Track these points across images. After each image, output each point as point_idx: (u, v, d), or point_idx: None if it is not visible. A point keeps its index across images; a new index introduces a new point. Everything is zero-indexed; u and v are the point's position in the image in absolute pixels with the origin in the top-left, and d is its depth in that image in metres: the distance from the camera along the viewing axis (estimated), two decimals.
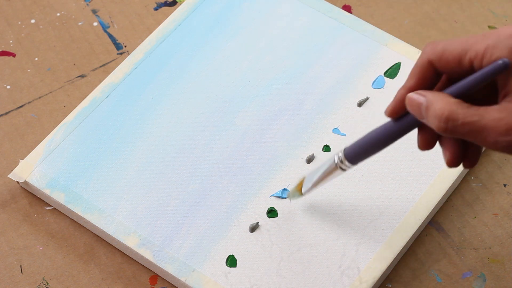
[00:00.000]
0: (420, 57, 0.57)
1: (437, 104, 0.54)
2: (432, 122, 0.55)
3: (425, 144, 0.58)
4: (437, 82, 0.58)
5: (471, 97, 0.55)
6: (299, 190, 0.71)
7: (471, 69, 0.55)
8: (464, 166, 0.59)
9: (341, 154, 0.64)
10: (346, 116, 0.78)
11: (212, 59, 0.81)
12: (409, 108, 0.57)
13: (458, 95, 0.55)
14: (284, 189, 0.74)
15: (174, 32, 0.83)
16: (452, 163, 0.58)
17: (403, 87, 0.58)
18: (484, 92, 0.56)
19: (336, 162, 0.65)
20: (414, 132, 0.60)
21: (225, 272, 0.71)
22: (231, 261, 0.71)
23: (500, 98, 0.54)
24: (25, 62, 0.84)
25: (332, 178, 0.68)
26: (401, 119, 0.59)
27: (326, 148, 0.76)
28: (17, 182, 0.76)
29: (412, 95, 0.56)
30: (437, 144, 0.59)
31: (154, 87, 0.80)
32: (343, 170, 0.65)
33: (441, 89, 0.57)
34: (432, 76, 0.57)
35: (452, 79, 0.57)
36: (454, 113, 0.53)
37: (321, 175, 0.68)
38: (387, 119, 0.60)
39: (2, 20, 0.86)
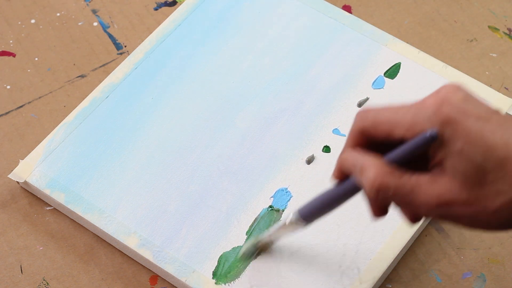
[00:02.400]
0: (352, 125, 0.56)
1: (370, 171, 0.54)
2: (364, 188, 0.54)
3: (379, 210, 0.56)
4: (373, 146, 0.56)
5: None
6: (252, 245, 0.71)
7: (402, 140, 0.54)
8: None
9: (292, 216, 0.64)
10: (346, 117, 0.78)
11: (212, 59, 0.81)
12: (346, 167, 0.56)
13: (392, 162, 0.54)
14: (280, 189, 0.74)
15: (174, 32, 0.83)
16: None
17: (342, 151, 0.58)
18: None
19: (289, 220, 0.65)
20: None
21: (225, 272, 0.71)
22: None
23: (430, 166, 0.54)
24: (25, 62, 0.84)
25: (284, 234, 0.68)
26: (346, 182, 0.58)
27: (326, 149, 0.76)
28: (17, 182, 0.76)
29: (347, 155, 0.56)
30: None
31: (154, 87, 0.80)
32: (296, 228, 0.65)
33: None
34: (366, 141, 0.56)
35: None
36: (385, 184, 0.53)
37: (272, 233, 0.68)
38: None
39: (2, 20, 0.86)
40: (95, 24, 0.86)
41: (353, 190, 0.58)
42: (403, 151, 0.54)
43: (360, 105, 0.79)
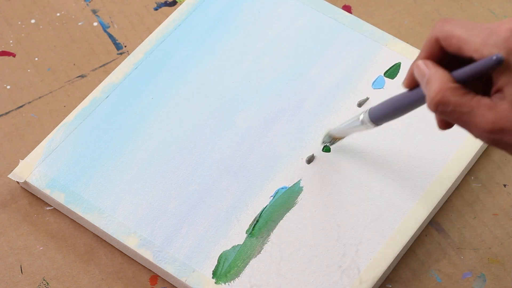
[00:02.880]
0: (430, 32, 0.58)
1: (434, 84, 0.55)
2: (426, 99, 0.56)
3: (443, 124, 0.59)
4: (447, 57, 0.58)
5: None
6: (327, 133, 0.74)
7: (470, 58, 0.55)
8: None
9: (366, 114, 0.66)
10: (346, 117, 0.78)
11: (212, 59, 0.81)
12: (416, 74, 0.58)
13: (458, 80, 0.55)
14: (281, 188, 0.74)
15: (174, 32, 0.83)
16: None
17: (415, 60, 0.59)
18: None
19: (361, 119, 0.67)
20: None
21: (225, 271, 0.71)
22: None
23: (492, 91, 0.55)
24: (25, 62, 0.84)
25: (357, 131, 0.70)
26: (415, 90, 0.60)
27: (326, 149, 0.76)
28: (17, 182, 0.76)
29: (419, 63, 0.57)
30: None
31: (154, 87, 0.80)
32: (367, 128, 0.68)
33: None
34: (439, 51, 0.57)
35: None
36: (446, 99, 0.54)
37: (346, 127, 0.71)
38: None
39: (2, 20, 0.86)
40: (95, 24, 0.86)
41: (420, 99, 0.59)
42: (469, 71, 0.55)
43: (360, 105, 0.79)
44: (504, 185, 0.76)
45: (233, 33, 0.83)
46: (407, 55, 0.81)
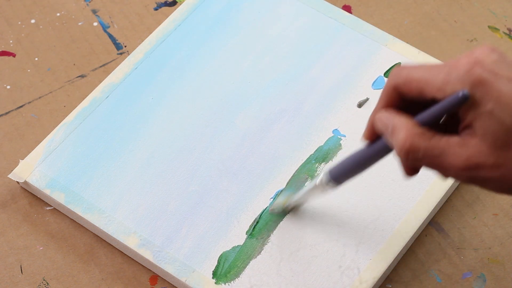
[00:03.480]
0: (386, 81, 0.57)
1: (400, 132, 0.54)
2: (395, 149, 0.55)
3: (410, 170, 0.58)
4: (407, 105, 0.57)
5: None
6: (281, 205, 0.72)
7: (433, 100, 0.54)
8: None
9: (323, 177, 0.65)
10: (346, 117, 0.78)
11: (212, 59, 0.81)
12: (378, 126, 0.57)
13: (423, 123, 0.54)
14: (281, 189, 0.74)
15: (174, 32, 0.83)
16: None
17: (373, 111, 0.58)
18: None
19: (317, 184, 0.65)
20: None
21: (225, 272, 0.71)
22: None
23: (460, 128, 0.54)
24: (25, 62, 0.84)
25: (314, 197, 0.69)
26: (378, 142, 0.59)
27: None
28: (17, 182, 0.76)
29: (380, 114, 0.56)
30: None
31: (154, 87, 0.80)
32: (324, 190, 0.66)
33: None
34: (399, 100, 0.56)
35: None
36: (416, 145, 0.53)
37: (302, 194, 0.70)
38: None
39: (2, 20, 0.86)
40: (95, 24, 0.86)
41: (384, 150, 0.58)
42: (434, 111, 0.54)
43: (360, 105, 0.79)
44: None
45: (233, 33, 0.83)
46: (407, 55, 0.81)
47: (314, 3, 0.84)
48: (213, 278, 0.70)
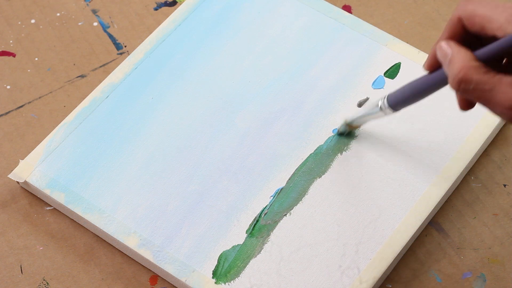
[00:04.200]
0: (453, 13, 0.58)
1: (456, 62, 0.55)
2: (448, 78, 0.56)
3: (464, 104, 0.60)
4: (469, 38, 0.58)
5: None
6: (345, 122, 0.75)
7: (494, 37, 0.56)
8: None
9: (384, 100, 0.67)
10: (346, 117, 0.78)
11: (212, 59, 0.81)
12: (438, 55, 0.58)
13: (481, 59, 0.56)
14: (281, 187, 0.74)
15: (174, 32, 0.83)
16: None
17: (437, 40, 0.59)
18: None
19: (379, 105, 0.68)
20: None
21: (225, 271, 0.71)
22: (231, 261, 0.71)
23: None
24: (25, 62, 0.84)
25: (375, 118, 0.71)
26: (436, 72, 0.60)
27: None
28: (17, 182, 0.76)
29: (442, 44, 0.58)
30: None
31: (154, 87, 0.80)
32: (386, 114, 0.68)
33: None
34: (462, 32, 0.58)
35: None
36: (468, 77, 0.55)
37: (364, 113, 0.72)
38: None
39: (2, 20, 0.86)
40: (95, 24, 0.86)
41: (441, 81, 0.60)
42: (493, 48, 0.55)
43: (360, 105, 0.79)
44: (504, 185, 0.76)
45: (233, 33, 0.83)
46: (407, 55, 0.81)
47: (314, 3, 0.84)
48: (213, 277, 0.70)
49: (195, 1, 0.85)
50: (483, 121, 0.77)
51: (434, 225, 0.74)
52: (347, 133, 0.76)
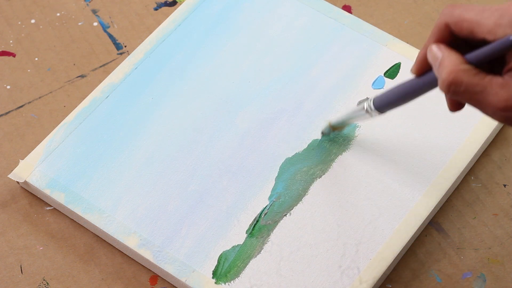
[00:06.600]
0: (438, 18, 0.58)
1: (447, 65, 0.56)
2: (438, 81, 0.56)
3: (454, 105, 0.60)
4: (456, 42, 0.59)
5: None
6: (328, 124, 0.75)
7: (483, 41, 0.56)
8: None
9: (370, 102, 0.67)
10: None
11: (212, 59, 0.81)
12: (429, 58, 0.58)
13: (471, 62, 0.56)
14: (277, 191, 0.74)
15: (174, 32, 0.83)
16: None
17: (424, 46, 0.60)
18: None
19: (365, 107, 0.68)
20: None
21: (225, 271, 0.71)
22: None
23: (504, 70, 0.56)
24: (25, 62, 0.84)
25: (360, 120, 0.71)
26: (425, 75, 0.61)
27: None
28: (17, 182, 0.76)
29: (433, 47, 0.58)
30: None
31: (154, 87, 0.80)
32: (371, 116, 0.68)
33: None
34: (449, 37, 0.58)
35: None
36: (459, 79, 0.55)
37: (350, 114, 0.72)
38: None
39: (2, 20, 0.86)
40: (95, 24, 0.86)
41: (429, 84, 0.60)
42: (484, 52, 0.55)
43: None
44: (504, 185, 0.76)
45: (233, 33, 0.83)
46: (407, 55, 0.81)
47: (314, 3, 0.84)
48: (213, 277, 0.70)
49: (195, 1, 0.85)
50: (483, 121, 0.77)
51: (434, 225, 0.74)
52: (330, 134, 0.76)
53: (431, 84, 0.60)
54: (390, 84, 0.80)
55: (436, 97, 0.66)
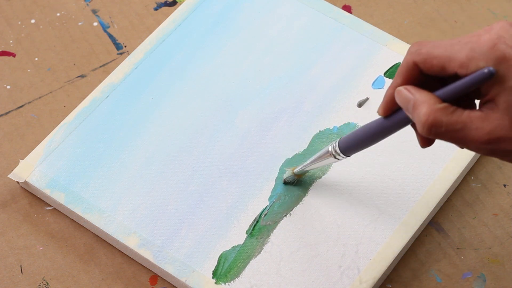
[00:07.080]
0: (405, 57, 0.57)
1: (422, 108, 0.55)
2: (417, 124, 0.55)
3: (424, 142, 0.59)
4: (425, 79, 0.58)
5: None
6: (292, 170, 0.73)
7: (455, 76, 0.55)
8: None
9: (335, 145, 0.66)
10: (346, 117, 0.78)
11: (212, 59, 0.81)
12: (398, 101, 0.57)
13: (444, 99, 0.55)
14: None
15: (174, 32, 0.83)
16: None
17: (391, 86, 0.59)
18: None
19: (330, 151, 0.67)
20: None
21: (225, 271, 0.71)
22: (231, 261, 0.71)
23: (481, 103, 0.55)
24: (25, 62, 0.84)
25: (325, 164, 0.70)
26: (393, 116, 0.59)
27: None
28: (17, 182, 0.76)
29: (401, 89, 0.57)
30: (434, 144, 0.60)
31: (154, 87, 0.80)
32: (337, 159, 0.67)
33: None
34: (418, 75, 0.57)
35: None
36: (438, 120, 0.54)
37: (314, 159, 0.70)
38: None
39: (2, 20, 0.86)
40: (95, 24, 0.86)
41: (399, 123, 0.59)
42: (459, 87, 0.54)
43: (360, 105, 0.79)
44: (504, 185, 0.76)
45: (233, 33, 0.83)
46: None
47: (314, 3, 0.84)
48: (213, 278, 0.70)
49: (195, 1, 0.85)
50: None
51: (434, 225, 0.74)
52: (294, 181, 0.75)
53: (400, 124, 0.59)
54: (390, 84, 0.80)
55: None
